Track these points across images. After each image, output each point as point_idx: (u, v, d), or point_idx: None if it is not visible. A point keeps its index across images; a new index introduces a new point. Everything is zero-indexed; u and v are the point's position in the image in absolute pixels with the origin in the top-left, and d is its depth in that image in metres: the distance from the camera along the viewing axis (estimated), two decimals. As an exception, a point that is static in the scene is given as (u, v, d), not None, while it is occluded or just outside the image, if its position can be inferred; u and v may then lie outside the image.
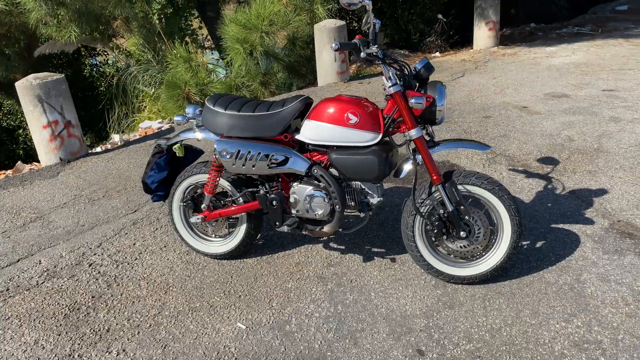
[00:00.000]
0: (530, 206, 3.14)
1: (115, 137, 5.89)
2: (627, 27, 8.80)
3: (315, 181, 2.50)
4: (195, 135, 2.70)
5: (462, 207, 2.35)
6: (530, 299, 2.37)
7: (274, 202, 2.56)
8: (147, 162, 2.82)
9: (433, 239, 2.45)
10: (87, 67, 11.41)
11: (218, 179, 2.67)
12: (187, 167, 2.79)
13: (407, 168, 2.41)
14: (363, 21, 2.30)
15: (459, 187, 2.36)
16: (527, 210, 3.09)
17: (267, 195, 2.58)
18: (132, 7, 7.91)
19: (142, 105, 8.36)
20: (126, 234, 3.26)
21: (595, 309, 2.27)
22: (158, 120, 6.63)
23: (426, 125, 2.39)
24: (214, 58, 8.35)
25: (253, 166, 2.50)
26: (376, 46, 2.22)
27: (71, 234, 3.33)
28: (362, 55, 2.22)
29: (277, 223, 2.61)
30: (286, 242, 2.99)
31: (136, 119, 8.11)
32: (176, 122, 2.69)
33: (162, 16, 8.47)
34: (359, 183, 2.48)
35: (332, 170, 2.52)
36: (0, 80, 8.92)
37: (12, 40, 9.13)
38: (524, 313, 2.28)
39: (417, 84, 2.36)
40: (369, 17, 2.26)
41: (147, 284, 2.73)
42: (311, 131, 2.45)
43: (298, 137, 2.51)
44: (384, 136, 2.39)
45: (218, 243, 2.85)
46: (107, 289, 2.71)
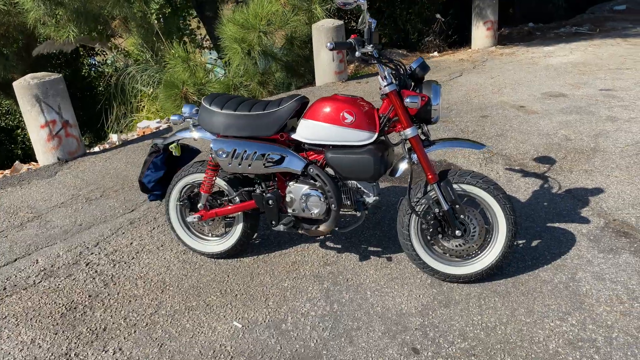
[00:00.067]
0: (526, 205, 3.15)
1: (113, 137, 5.89)
2: (625, 26, 8.82)
3: (311, 180, 2.50)
4: (191, 135, 2.71)
5: (457, 206, 2.35)
6: (526, 297, 2.37)
7: (270, 202, 2.57)
8: (144, 162, 2.82)
9: (429, 237, 2.46)
10: (86, 67, 11.41)
11: (214, 178, 2.68)
12: (183, 167, 2.80)
13: (402, 167, 2.42)
14: (359, 20, 2.31)
15: (455, 186, 2.37)
16: (523, 209, 3.10)
17: (263, 194, 2.59)
18: (130, 6, 7.92)
19: (140, 105, 8.37)
20: (123, 233, 3.27)
21: (590, 308, 2.27)
22: (156, 120, 6.64)
23: (421, 124, 2.40)
24: (212, 58, 8.34)
25: (249, 165, 2.50)
26: (371, 45, 2.23)
27: (68, 233, 3.33)
28: (357, 54, 2.23)
29: (273, 222, 2.62)
30: (283, 241, 3.00)
31: (134, 119, 8.12)
32: (172, 122, 2.70)
33: (160, 16, 8.46)
34: (354, 182, 2.49)
35: (328, 169, 2.53)
36: (-1, 80, 8.94)
37: (10, 40, 9.13)
38: (519, 311, 2.29)
39: (413, 83, 2.37)
40: (365, 16, 2.27)
41: (144, 283, 2.73)
42: (307, 130, 2.46)
43: (294, 136, 2.52)
44: (379, 135, 2.40)
45: (215, 242, 2.85)
46: (104, 288, 2.71)
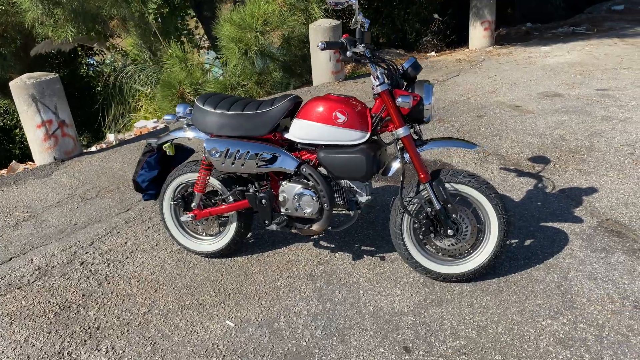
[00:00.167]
0: (520, 205, 3.16)
1: (110, 137, 5.90)
2: (623, 26, 8.82)
3: (304, 180, 2.51)
4: (185, 135, 2.71)
5: (449, 205, 2.36)
6: (517, 296, 2.38)
7: (263, 201, 2.57)
8: (138, 161, 2.83)
9: (421, 237, 2.47)
10: (84, 67, 11.41)
11: (208, 177, 2.69)
12: (177, 166, 2.80)
13: (395, 166, 2.43)
14: (352, 20, 2.31)
15: (447, 185, 2.38)
16: (517, 209, 3.11)
17: (257, 193, 2.60)
18: (128, 6, 7.92)
19: (138, 105, 8.38)
20: (118, 232, 3.27)
21: (581, 307, 2.28)
22: (153, 119, 6.64)
23: (414, 124, 2.40)
24: (210, 58, 8.35)
25: (242, 165, 2.51)
26: (363, 45, 2.24)
27: (63, 232, 3.34)
28: (348, 54, 2.24)
29: (267, 221, 2.62)
30: (277, 240, 3.00)
31: (132, 119, 8.12)
32: (166, 121, 2.71)
33: (158, 16, 8.46)
34: (347, 182, 2.50)
35: (321, 169, 2.54)
36: (-3, 80, 8.94)
37: (8, 40, 9.13)
38: (510, 310, 2.30)
39: (405, 83, 2.38)
40: (357, 16, 2.27)
41: (138, 282, 2.74)
42: (300, 130, 2.46)
43: (287, 136, 2.52)
44: (372, 135, 2.40)
45: (208, 241, 2.86)
46: (98, 287, 2.72)
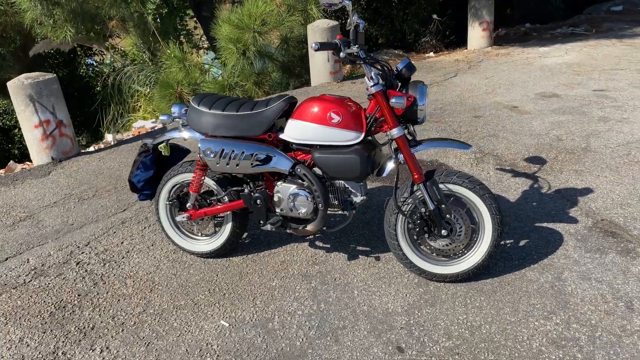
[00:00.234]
0: (515, 205, 3.16)
1: (109, 137, 5.91)
2: (622, 27, 8.83)
3: (299, 180, 2.52)
4: (181, 135, 2.72)
5: (443, 205, 2.37)
6: (511, 296, 2.39)
7: (258, 201, 2.58)
8: (134, 161, 2.83)
9: (415, 237, 2.47)
10: (84, 67, 11.41)
11: (203, 178, 2.69)
12: (173, 166, 2.81)
13: (389, 167, 2.43)
14: (348, 21, 2.32)
15: (441, 186, 2.38)
16: (512, 209, 3.12)
17: (252, 194, 2.60)
18: (127, 7, 7.93)
19: (137, 105, 8.39)
20: (114, 232, 3.28)
21: (575, 307, 2.29)
22: (152, 120, 6.65)
23: (408, 124, 2.41)
24: (208, 58, 8.37)
25: (237, 165, 2.51)
26: (357, 46, 2.24)
27: (60, 232, 3.34)
28: (342, 55, 2.24)
29: (261, 222, 2.63)
30: (272, 240, 3.01)
31: (131, 119, 8.13)
32: (161, 122, 2.71)
33: (157, 16, 8.48)
34: (342, 182, 2.50)
35: (316, 169, 2.54)
36: (-5, 80, 8.94)
37: (8, 40, 9.14)
38: (504, 311, 2.30)
39: (399, 84, 2.38)
40: (352, 17, 2.28)
41: (133, 282, 2.75)
42: (295, 130, 2.47)
43: (282, 136, 2.53)
44: (366, 135, 2.41)
45: (204, 242, 2.86)
46: (94, 287, 2.72)
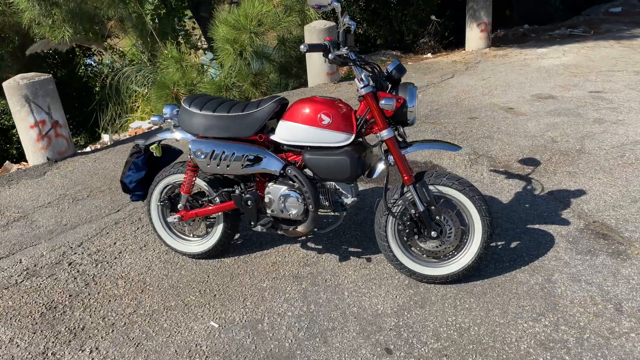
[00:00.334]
0: (507, 207, 3.16)
1: (105, 137, 5.91)
2: (620, 28, 8.83)
3: (289, 181, 2.52)
4: (173, 136, 2.72)
5: (433, 207, 2.37)
6: (501, 298, 2.39)
7: (248, 202, 2.58)
8: (125, 162, 2.84)
9: (405, 238, 2.47)
10: (82, 67, 11.42)
11: (194, 178, 2.70)
12: (165, 167, 2.81)
13: (379, 168, 2.43)
14: (339, 23, 2.32)
15: (431, 187, 2.38)
16: (505, 211, 3.12)
17: (242, 195, 2.61)
18: (125, 7, 7.94)
19: (135, 106, 8.40)
20: (107, 233, 3.28)
21: (564, 309, 2.29)
22: (149, 120, 6.65)
23: (398, 126, 2.41)
24: (206, 59, 8.38)
25: (227, 166, 2.52)
26: (346, 48, 2.25)
27: (53, 233, 3.35)
28: (330, 56, 2.25)
29: (252, 223, 2.63)
30: (264, 241, 3.01)
31: (129, 119, 8.14)
32: (152, 123, 2.72)
33: (155, 17, 8.49)
34: (333, 183, 2.50)
35: (307, 170, 2.55)
36: (-7, 80, 8.94)
37: (6, 41, 9.15)
38: (493, 312, 2.30)
39: (390, 86, 2.39)
40: (344, 18, 2.28)
41: (125, 282, 2.75)
42: (285, 132, 2.47)
43: (273, 137, 2.53)
44: (356, 137, 2.41)
45: (195, 242, 2.87)
46: (85, 288, 2.73)
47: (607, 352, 2.04)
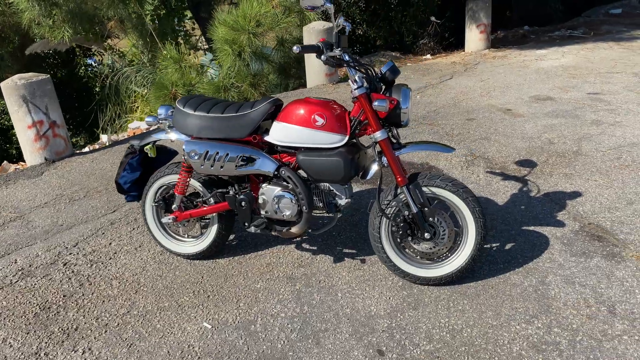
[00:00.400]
0: (503, 208, 3.16)
1: (103, 138, 5.92)
2: (620, 30, 8.82)
3: (283, 182, 2.52)
4: (168, 136, 2.72)
5: (426, 208, 2.36)
6: (494, 300, 2.38)
7: (242, 203, 2.58)
8: (120, 163, 2.84)
9: (399, 240, 2.47)
10: (83, 67, 11.44)
11: (188, 179, 2.70)
12: (160, 168, 2.81)
13: (373, 170, 2.43)
14: (334, 24, 2.32)
15: (424, 189, 2.38)
16: (500, 213, 3.11)
17: (236, 196, 2.61)
18: (125, 8, 7.95)
19: (134, 106, 8.40)
20: (103, 233, 3.28)
21: (557, 311, 2.28)
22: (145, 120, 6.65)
23: (392, 127, 2.41)
24: (206, 60, 8.38)
25: (221, 167, 2.52)
26: (339, 49, 2.25)
27: (49, 233, 3.35)
28: (323, 58, 2.24)
29: (246, 224, 2.63)
30: (259, 242, 3.01)
31: (128, 119, 8.15)
32: (147, 123, 2.72)
33: (155, 17, 8.49)
34: (327, 184, 2.50)
35: (301, 171, 2.55)
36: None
37: (6, 41, 9.17)
38: (486, 314, 2.30)
39: (384, 87, 2.38)
40: (339, 19, 2.28)
41: (119, 283, 2.75)
42: (279, 133, 2.47)
43: (267, 138, 2.53)
44: (350, 138, 2.41)
45: (190, 243, 2.87)
46: (79, 288, 2.73)
47: (600, 354, 2.03)
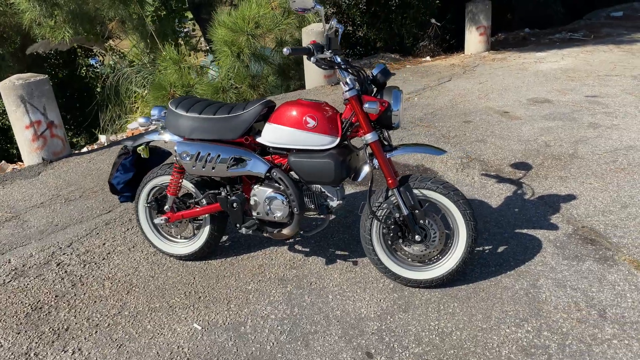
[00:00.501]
0: (497, 211, 3.15)
1: (102, 138, 5.93)
2: (620, 33, 8.80)
3: (275, 184, 2.52)
4: (161, 137, 2.73)
5: (417, 211, 2.36)
6: (485, 303, 2.38)
7: (234, 204, 2.58)
8: (113, 163, 2.85)
9: (390, 242, 2.47)
10: (84, 68, 11.48)
11: (181, 180, 2.70)
12: (153, 169, 2.82)
13: (364, 172, 2.43)
14: (328, 26, 2.32)
15: (415, 191, 2.38)
16: (493, 215, 3.11)
17: (228, 197, 2.61)
18: (125, 9, 7.97)
19: (134, 107, 8.42)
20: (97, 234, 3.29)
21: (547, 314, 2.27)
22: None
23: (383, 129, 2.41)
24: (207, 60, 8.40)
25: (213, 168, 2.52)
26: (330, 51, 2.25)
27: (44, 233, 3.36)
28: (312, 60, 2.24)
29: (238, 225, 2.63)
30: (252, 243, 3.01)
31: (128, 120, 8.16)
32: (140, 124, 2.72)
33: (155, 18, 8.51)
34: (319, 186, 2.50)
35: (293, 173, 2.55)
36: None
37: (8, 41, 9.20)
38: (476, 317, 2.29)
39: (375, 89, 2.38)
40: (331, 21, 2.28)
41: (111, 284, 2.75)
42: (271, 134, 2.47)
43: (259, 140, 2.53)
44: (342, 140, 2.41)
45: (182, 244, 2.87)
46: (72, 289, 2.73)
47: (589, 358, 2.02)
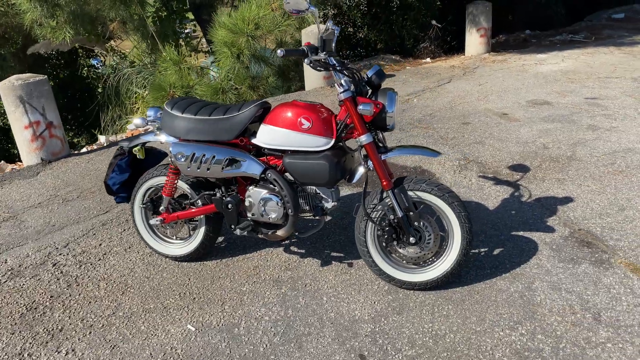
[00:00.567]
0: (493, 213, 3.15)
1: (101, 138, 5.94)
2: (621, 35, 8.79)
3: (270, 185, 2.52)
4: (157, 138, 2.73)
5: (411, 213, 2.36)
6: (479, 306, 2.37)
7: (229, 205, 2.58)
8: (109, 164, 2.85)
9: (384, 244, 2.46)
10: (85, 68, 11.50)
11: (176, 181, 2.70)
12: (149, 170, 2.82)
13: (359, 173, 2.43)
14: (324, 27, 2.32)
15: (410, 193, 2.37)
16: (490, 217, 3.10)
17: (223, 198, 2.61)
18: (126, 9, 7.98)
19: (135, 107, 8.43)
20: (94, 234, 3.29)
21: (542, 317, 2.27)
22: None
23: (378, 131, 2.40)
24: (207, 62, 8.41)
25: (207, 169, 2.52)
26: (324, 53, 2.25)
27: (41, 233, 3.36)
28: (306, 61, 2.24)
29: (233, 226, 2.63)
30: (248, 245, 3.01)
31: (129, 120, 8.18)
32: (135, 125, 2.73)
33: (156, 19, 8.52)
34: (313, 187, 2.50)
35: (288, 174, 2.54)
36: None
37: (9, 41, 9.23)
38: (470, 320, 2.29)
39: (370, 91, 2.38)
40: (327, 23, 2.28)
41: (107, 284, 2.75)
42: (266, 135, 2.47)
43: (254, 141, 2.53)
44: (337, 141, 2.41)
45: (178, 245, 2.87)
46: (67, 289, 2.73)
47: (582, 362, 2.02)
